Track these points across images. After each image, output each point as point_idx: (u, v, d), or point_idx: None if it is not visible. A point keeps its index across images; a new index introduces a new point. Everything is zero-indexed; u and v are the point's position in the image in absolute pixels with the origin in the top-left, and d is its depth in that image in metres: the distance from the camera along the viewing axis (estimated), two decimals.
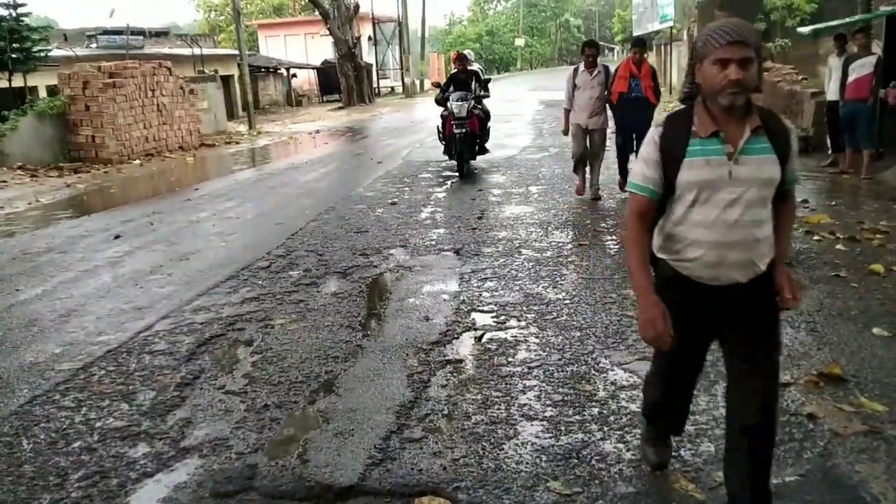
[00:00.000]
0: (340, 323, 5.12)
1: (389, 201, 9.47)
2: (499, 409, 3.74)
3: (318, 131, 21.37)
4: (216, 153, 17.06)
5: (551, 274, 6.06)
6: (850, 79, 9.74)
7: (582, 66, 8.81)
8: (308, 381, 4.18)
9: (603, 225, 7.68)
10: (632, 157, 8.76)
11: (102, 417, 3.82)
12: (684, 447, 3.30)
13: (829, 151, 10.99)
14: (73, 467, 3.33)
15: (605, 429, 3.50)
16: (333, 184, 11.81)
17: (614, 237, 7.13)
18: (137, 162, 15.23)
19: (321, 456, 3.34)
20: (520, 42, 72.36)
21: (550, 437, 3.43)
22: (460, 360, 4.40)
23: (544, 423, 3.58)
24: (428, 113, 26.44)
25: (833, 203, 8.42)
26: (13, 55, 17.00)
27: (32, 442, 3.58)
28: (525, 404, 3.78)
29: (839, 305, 5.06)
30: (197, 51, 25.65)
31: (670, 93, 26.93)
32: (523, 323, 4.97)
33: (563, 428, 3.51)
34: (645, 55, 8.91)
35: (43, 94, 18.93)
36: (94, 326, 5.23)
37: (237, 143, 19.14)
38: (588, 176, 9.21)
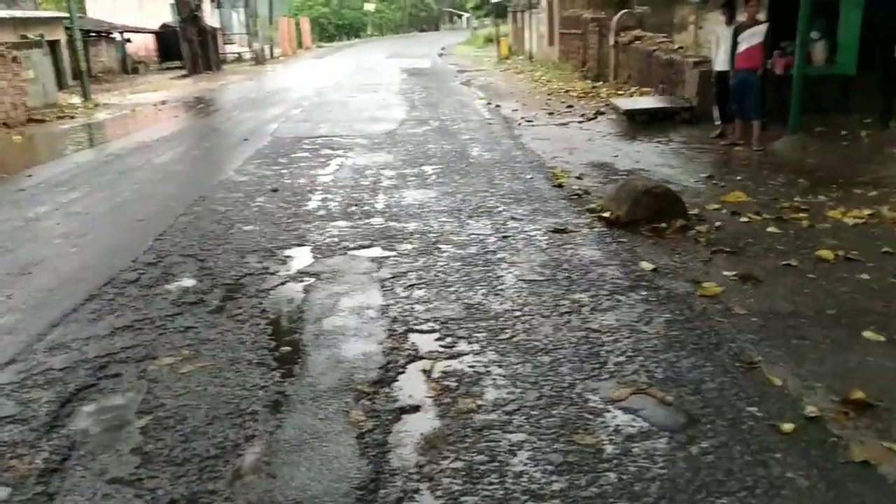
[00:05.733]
0: (248, 359, 4.07)
1: (269, 187, 8.29)
2: (491, 482, 2.89)
3: (164, 102, 19.36)
4: (48, 130, 14.92)
5: (485, 277, 5.25)
6: (741, 48, 9.60)
7: None
8: (224, 454, 3.16)
9: (519, 211, 6.92)
10: None
11: None
12: None
13: (717, 122, 10.85)
14: None
15: None
16: (197, 166, 10.41)
17: (536, 225, 6.41)
18: None
19: None
20: (370, 7, 70.58)
21: None
22: (417, 407, 3.51)
23: (557, 501, 2.77)
24: (284, 83, 24.85)
25: (738, 178, 8.13)
26: None
27: None
28: (521, 473, 2.95)
29: (811, 304, 4.59)
30: (18, 13, 22.68)
31: (531, 59, 26.75)
32: (476, 346, 4.12)
33: None
34: None
35: None
36: None
37: (72, 117, 16.92)
38: None
